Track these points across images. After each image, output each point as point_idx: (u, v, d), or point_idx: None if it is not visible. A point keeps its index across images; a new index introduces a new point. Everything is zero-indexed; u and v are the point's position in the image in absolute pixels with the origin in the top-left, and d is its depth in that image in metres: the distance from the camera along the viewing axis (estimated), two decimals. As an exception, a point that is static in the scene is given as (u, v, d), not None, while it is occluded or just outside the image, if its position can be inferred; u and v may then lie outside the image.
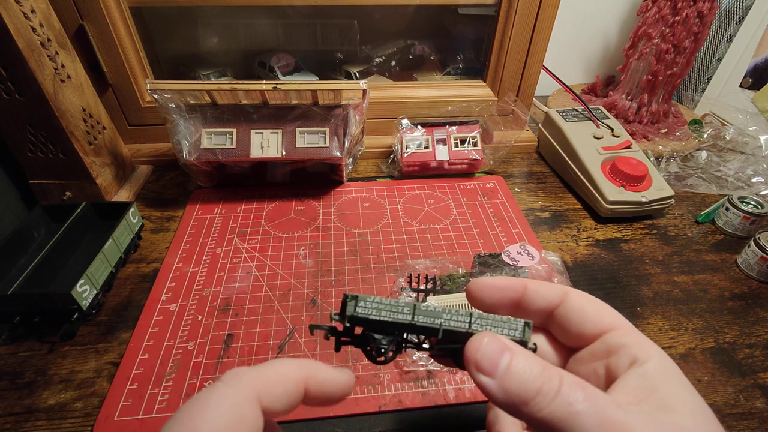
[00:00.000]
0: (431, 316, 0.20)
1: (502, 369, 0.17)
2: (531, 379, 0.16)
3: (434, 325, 0.20)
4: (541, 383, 0.16)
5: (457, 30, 0.73)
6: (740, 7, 0.75)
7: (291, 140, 0.51)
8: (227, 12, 0.68)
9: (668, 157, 0.65)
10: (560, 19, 0.59)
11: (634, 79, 0.73)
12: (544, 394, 0.16)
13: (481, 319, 0.20)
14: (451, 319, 0.20)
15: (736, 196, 0.53)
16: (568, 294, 0.21)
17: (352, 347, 0.21)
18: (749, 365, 0.39)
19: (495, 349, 0.17)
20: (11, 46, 0.41)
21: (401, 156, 0.59)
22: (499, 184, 0.60)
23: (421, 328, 0.20)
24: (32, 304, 0.37)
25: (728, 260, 0.50)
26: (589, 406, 0.15)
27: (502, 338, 0.18)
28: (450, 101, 0.64)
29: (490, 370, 0.17)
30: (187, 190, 0.58)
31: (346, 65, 0.71)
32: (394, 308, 0.20)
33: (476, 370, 0.17)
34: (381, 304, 0.20)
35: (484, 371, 0.17)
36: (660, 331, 0.42)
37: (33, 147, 0.48)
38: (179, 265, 0.46)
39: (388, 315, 0.20)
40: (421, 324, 0.20)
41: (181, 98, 0.49)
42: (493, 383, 0.16)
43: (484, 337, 0.18)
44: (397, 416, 0.34)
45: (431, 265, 0.44)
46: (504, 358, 0.17)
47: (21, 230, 0.44)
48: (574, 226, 0.54)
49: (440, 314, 0.20)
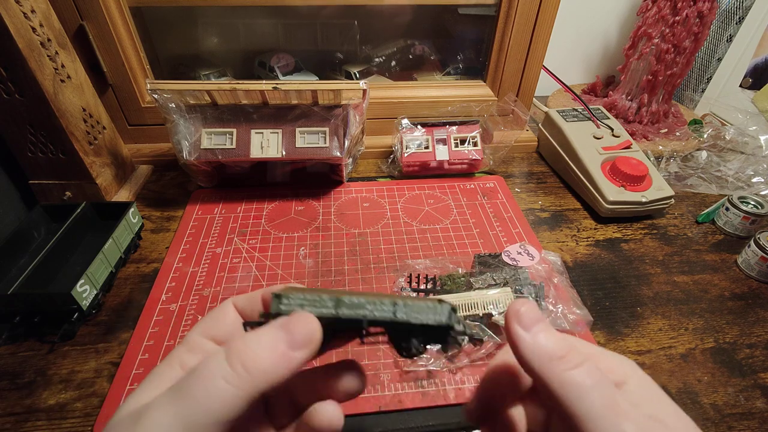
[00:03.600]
0: (355, 308, 0.20)
1: (539, 327, 0.19)
2: (559, 345, 0.18)
3: (358, 317, 0.20)
4: (568, 351, 0.18)
5: (457, 30, 0.73)
6: (740, 7, 0.75)
7: (291, 140, 0.51)
8: (227, 12, 0.68)
9: (668, 157, 0.65)
10: (560, 19, 0.59)
11: (634, 79, 0.73)
12: (568, 360, 0.18)
13: (406, 307, 0.20)
14: (375, 310, 0.20)
15: (736, 196, 0.53)
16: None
17: None
18: (749, 365, 0.39)
19: (537, 314, 0.19)
20: (11, 46, 0.41)
21: (401, 156, 0.59)
22: (499, 184, 0.60)
23: (347, 320, 0.20)
24: (32, 304, 0.37)
25: (728, 260, 0.50)
26: (602, 387, 0.17)
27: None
28: (450, 101, 0.64)
29: (529, 324, 0.19)
30: (187, 190, 0.58)
31: (346, 65, 0.71)
32: (318, 302, 0.20)
33: (516, 323, 0.19)
34: (305, 299, 0.20)
35: (523, 324, 0.19)
36: (660, 331, 0.42)
37: (33, 147, 0.48)
38: (179, 265, 0.46)
39: (312, 310, 0.20)
40: (346, 317, 0.20)
41: (181, 98, 0.49)
42: (527, 335, 0.19)
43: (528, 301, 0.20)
44: (397, 416, 0.34)
45: (431, 265, 0.44)
46: (541, 323, 0.19)
47: (21, 230, 0.44)
48: (574, 226, 0.54)
49: (364, 305, 0.20)
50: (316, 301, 0.20)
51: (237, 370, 0.16)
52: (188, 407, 0.16)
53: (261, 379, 0.17)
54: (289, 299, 0.20)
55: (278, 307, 0.20)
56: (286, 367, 0.17)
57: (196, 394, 0.16)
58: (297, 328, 0.18)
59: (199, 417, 0.16)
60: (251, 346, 0.17)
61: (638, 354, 0.39)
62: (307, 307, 0.20)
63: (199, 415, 0.16)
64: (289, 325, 0.18)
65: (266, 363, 0.17)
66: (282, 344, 0.18)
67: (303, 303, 0.20)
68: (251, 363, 0.17)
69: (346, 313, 0.20)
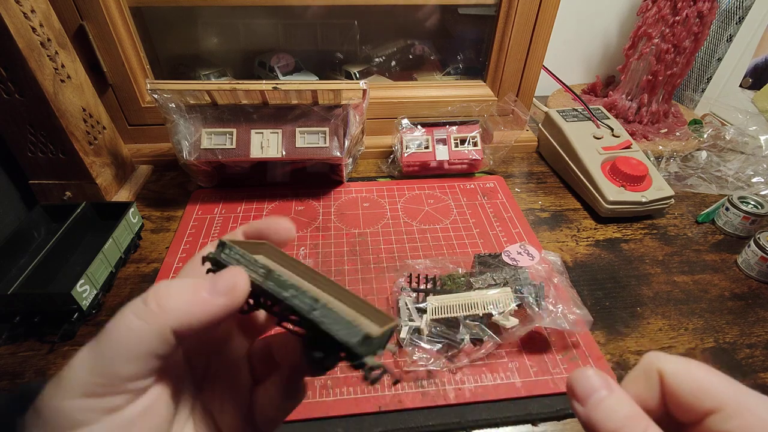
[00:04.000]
0: (280, 286, 0.20)
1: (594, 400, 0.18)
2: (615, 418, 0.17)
3: (279, 295, 0.19)
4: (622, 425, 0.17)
5: (457, 30, 0.73)
6: (740, 7, 0.75)
7: (291, 140, 0.51)
8: (227, 12, 0.68)
9: (668, 157, 0.65)
10: (560, 19, 0.59)
11: (634, 79, 0.73)
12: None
13: (326, 309, 0.19)
14: (296, 297, 0.19)
15: (736, 196, 0.53)
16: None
17: None
18: (749, 365, 0.39)
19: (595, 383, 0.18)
20: (11, 46, 0.41)
21: (401, 156, 0.59)
22: (499, 184, 0.60)
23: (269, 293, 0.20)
24: (32, 304, 0.37)
25: (728, 260, 0.50)
26: None
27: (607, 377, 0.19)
28: (450, 101, 0.64)
29: (583, 398, 0.18)
30: (187, 190, 0.58)
31: (346, 65, 0.71)
32: (252, 265, 0.20)
33: (570, 395, 0.19)
34: (243, 258, 0.20)
35: (577, 398, 0.18)
36: (660, 331, 0.42)
37: (33, 147, 0.48)
38: (179, 265, 0.46)
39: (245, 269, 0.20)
40: (270, 290, 0.20)
41: (181, 98, 0.49)
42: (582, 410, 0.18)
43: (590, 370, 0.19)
44: (397, 416, 0.34)
45: (431, 265, 0.44)
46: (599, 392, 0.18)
47: (21, 230, 0.44)
48: (574, 226, 0.54)
49: (288, 288, 0.19)
50: (251, 262, 0.20)
51: (150, 306, 0.17)
52: (100, 341, 0.17)
53: (173, 316, 0.17)
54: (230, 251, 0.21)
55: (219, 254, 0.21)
56: (203, 309, 0.18)
57: (108, 328, 0.17)
58: (222, 279, 0.19)
59: (106, 350, 0.17)
60: (172, 287, 0.18)
61: (638, 354, 0.39)
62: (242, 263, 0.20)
63: (106, 347, 0.17)
64: (216, 277, 0.19)
65: (180, 301, 0.17)
66: (203, 290, 0.18)
67: (239, 260, 0.20)
68: (164, 300, 0.17)
69: (270, 287, 0.20)
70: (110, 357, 0.17)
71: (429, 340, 0.37)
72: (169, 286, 0.18)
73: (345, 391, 0.35)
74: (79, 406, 0.16)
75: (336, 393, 0.35)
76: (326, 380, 0.36)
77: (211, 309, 0.18)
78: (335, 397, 0.35)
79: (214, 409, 0.24)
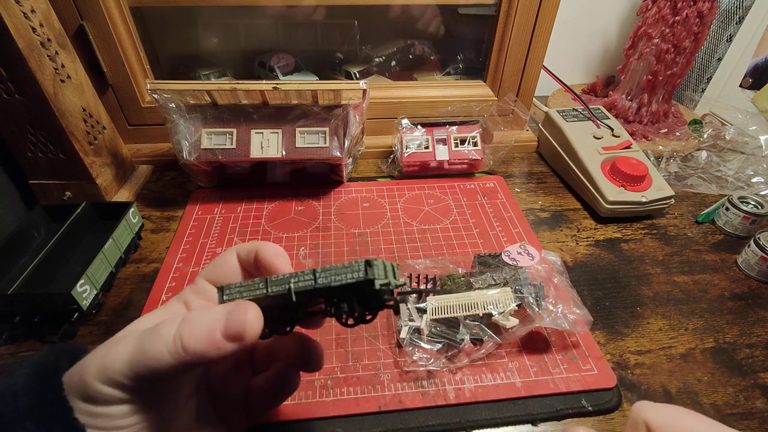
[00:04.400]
0: (281, 284, 0.22)
1: None
2: None
3: (285, 291, 0.21)
4: None
5: (457, 30, 0.73)
6: (740, 7, 0.75)
7: (291, 140, 0.51)
8: (227, 12, 0.68)
9: (668, 157, 0.65)
10: (560, 19, 0.59)
11: (634, 79, 0.73)
12: None
13: (324, 272, 0.21)
14: (299, 281, 0.21)
15: (736, 196, 0.53)
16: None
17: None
18: (749, 365, 0.39)
19: None
20: (11, 46, 0.41)
21: (401, 156, 0.59)
22: (499, 184, 0.60)
23: (277, 296, 0.22)
24: (32, 304, 0.37)
25: (728, 260, 0.50)
26: None
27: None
28: (450, 101, 0.64)
29: None
30: (187, 190, 0.58)
31: (346, 65, 0.71)
32: (252, 287, 0.23)
33: None
34: (241, 287, 0.23)
35: None
36: (660, 331, 0.42)
37: (33, 147, 0.48)
38: (179, 265, 0.46)
39: (248, 294, 0.22)
40: (276, 293, 0.22)
41: (181, 98, 0.49)
42: None
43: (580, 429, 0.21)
44: (397, 416, 0.34)
45: (431, 265, 0.44)
46: None
47: (21, 230, 0.44)
48: (574, 226, 0.54)
49: (288, 279, 0.22)
50: (250, 285, 0.23)
51: (176, 343, 0.20)
52: (138, 352, 0.21)
53: (191, 356, 0.20)
54: (231, 289, 0.23)
55: (222, 299, 0.23)
56: (216, 353, 0.21)
57: (146, 346, 0.21)
58: (233, 319, 0.21)
59: (139, 364, 0.20)
60: (194, 328, 0.21)
61: (638, 354, 0.39)
62: (245, 293, 0.23)
63: (140, 361, 0.20)
64: (230, 313, 0.21)
65: (199, 346, 0.21)
66: (218, 332, 0.21)
67: (241, 290, 0.23)
68: (186, 341, 0.20)
69: (274, 290, 0.22)
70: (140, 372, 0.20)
71: (429, 340, 0.37)
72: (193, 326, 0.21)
73: (345, 391, 0.35)
74: (108, 392, 0.20)
75: (336, 393, 0.35)
76: (326, 380, 0.36)
77: (221, 351, 0.21)
78: (335, 397, 0.35)
79: (216, 392, 0.27)
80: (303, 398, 0.34)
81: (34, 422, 0.20)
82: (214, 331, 0.21)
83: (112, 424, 0.21)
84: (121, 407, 0.21)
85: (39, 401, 0.20)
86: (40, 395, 0.21)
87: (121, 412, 0.21)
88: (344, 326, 0.22)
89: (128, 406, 0.21)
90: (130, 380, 0.20)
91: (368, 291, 0.20)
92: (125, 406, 0.21)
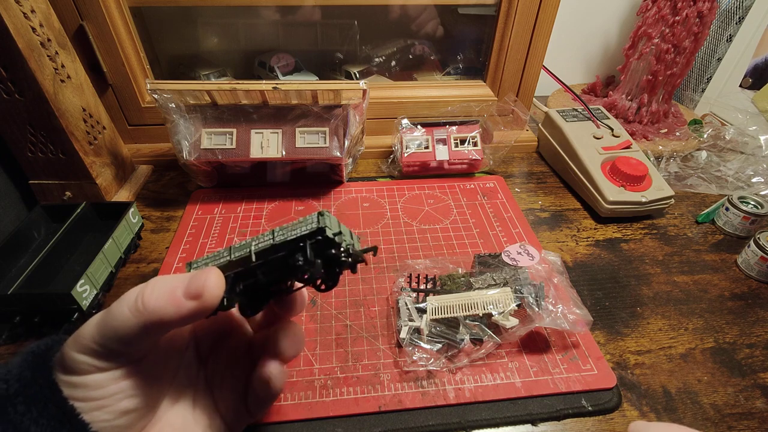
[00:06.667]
0: (243, 248, 0.23)
1: None
2: None
3: (246, 253, 0.23)
4: None
5: (457, 30, 0.73)
6: (740, 7, 0.75)
7: (291, 140, 0.51)
8: (227, 12, 0.68)
9: (668, 157, 0.65)
10: (560, 19, 0.59)
11: (634, 79, 0.73)
12: None
13: (282, 230, 0.23)
14: (259, 243, 0.23)
15: (736, 196, 0.53)
16: None
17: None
18: (749, 365, 0.39)
19: None
20: (11, 46, 0.41)
21: (401, 156, 0.59)
22: (499, 184, 0.60)
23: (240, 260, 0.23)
24: (32, 304, 0.37)
25: (728, 260, 0.50)
26: None
27: None
28: (450, 101, 0.64)
29: None
30: (187, 190, 0.58)
31: (346, 65, 0.71)
32: (217, 257, 0.24)
33: None
34: (207, 258, 0.24)
35: None
36: (660, 331, 0.42)
37: (33, 147, 0.48)
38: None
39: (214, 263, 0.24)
40: (239, 257, 0.23)
41: (181, 98, 0.49)
42: None
43: None
44: (397, 416, 0.34)
45: (431, 265, 0.44)
46: None
47: (21, 230, 0.44)
48: (574, 226, 0.54)
49: (249, 243, 0.23)
50: (216, 255, 0.24)
51: (137, 304, 0.21)
52: (105, 315, 0.22)
53: (153, 315, 0.21)
54: (198, 262, 0.25)
55: (189, 269, 0.25)
56: (174, 311, 0.21)
57: (112, 309, 0.22)
58: (194, 279, 0.22)
59: (105, 326, 0.21)
60: (155, 287, 0.22)
61: (638, 354, 0.39)
62: (211, 263, 0.24)
63: (106, 323, 0.21)
64: (193, 275, 0.22)
65: (158, 303, 0.21)
66: (178, 290, 0.22)
67: (207, 261, 0.24)
68: (147, 298, 0.21)
69: (237, 255, 0.23)
70: (106, 334, 0.21)
71: (429, 340, 0.37)
72: (155, 286, 0.22)
73: (345, 391, 0.35)
74: (81, 360, 0.21)
75: (336, 393, 0.35)
76: (326, 380, 0.36)
77: (182, 309, 0.22)
78: (335, 397, 0.35)
79: (215, 385, 0.28)
80: (303, 398, 0.34)
81: (26, 404, 0.21)
82: (175, 289, 0.22)
83: (88, 394, 0.22)
84: (95, 377, 0.22)
85: (29, 384, 0.21)
86: (30, 379, 0.22)
87: (96, 382, 0.22)
88: (318, 291, 0.24)
89: (103, 375, 0.22)
90: (99, 345, 0.21)
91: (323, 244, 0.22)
92: (100, 375, 0.22)
